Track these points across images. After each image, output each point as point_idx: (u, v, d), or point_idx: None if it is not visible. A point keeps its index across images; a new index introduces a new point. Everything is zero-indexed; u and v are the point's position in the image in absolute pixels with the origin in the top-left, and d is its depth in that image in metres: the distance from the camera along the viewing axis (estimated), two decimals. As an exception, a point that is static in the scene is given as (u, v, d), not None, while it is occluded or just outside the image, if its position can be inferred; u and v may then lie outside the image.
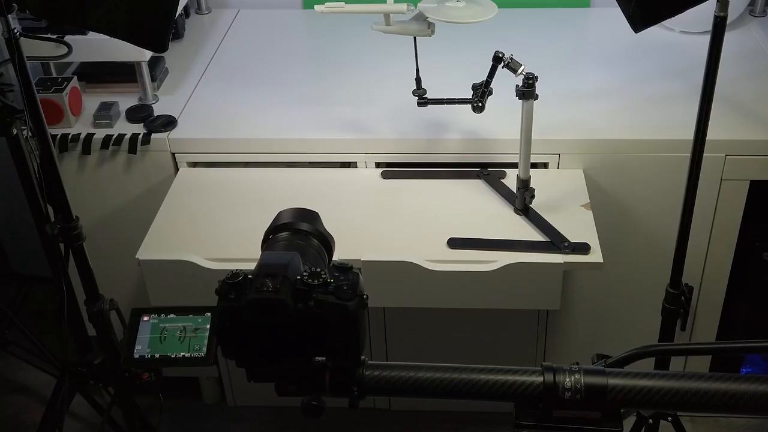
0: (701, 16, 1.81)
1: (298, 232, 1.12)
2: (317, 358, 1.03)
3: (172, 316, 1.04)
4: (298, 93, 2.47)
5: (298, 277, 0.99)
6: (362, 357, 1.04)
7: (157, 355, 1.03)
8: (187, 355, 1.02)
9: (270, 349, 1.01)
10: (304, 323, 0.99)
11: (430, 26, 1.98)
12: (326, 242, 1.13)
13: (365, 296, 1.00)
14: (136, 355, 1.03)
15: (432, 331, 2.50)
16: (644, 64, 2.57)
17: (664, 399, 1.00)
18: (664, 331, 2.05)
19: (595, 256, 1.96)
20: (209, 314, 1.03)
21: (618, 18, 1.77)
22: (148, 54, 2.34)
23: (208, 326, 1.03)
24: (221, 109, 2.40)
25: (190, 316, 1.04)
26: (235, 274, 0.99)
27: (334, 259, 1.16)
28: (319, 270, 0.99)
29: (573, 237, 1.99)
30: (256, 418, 2.78)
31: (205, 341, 1.02)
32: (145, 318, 1.04)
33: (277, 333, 0.99)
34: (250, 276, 1.00)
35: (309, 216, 1.14)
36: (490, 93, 2.01)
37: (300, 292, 0.98)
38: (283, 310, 0.97)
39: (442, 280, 1.97)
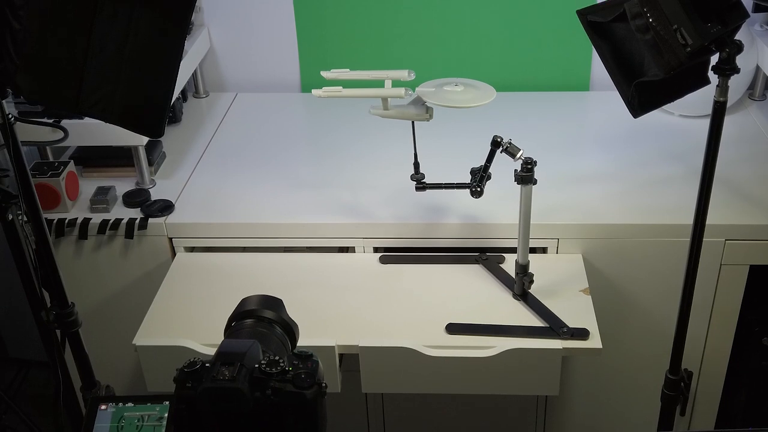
0: (701, 99, 1.81)
1: (261, 320, 1.10)
2: (277, 447, 1.01)
3: (130, 404, 1.02)
4: (295, 177, 2.48)
5: (256, 366, 0.98)
6: (323, 446, 1.02)
7: (112, 444, 1.01)
8: (143, 444, 1.01)
9: (228, 439, 0.99)
10: (262, 412, 0.97)
11: (429, 110, 1.97)
12: (290, 330, 1.12)
13: (324, 384, 0.98)
14: (92, 445, 1.01)
15: (430, 417, 2.46)
16: (643, 147, 2.56)
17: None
18: (664, 417, 2.02)
19: (594, 341, 1.94)
20: (167, 402, 1.01)
21: (617, 101, 1.78)
22: (145, 138, 2.35)
23: (167, 414, 1.01)
24: (219, 194, 2.40)
25: (149, 404, 1.02)
26: (192, 362, 0.98)
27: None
28: (277, 358, 0.98)
29: (572, 322, 1.97)
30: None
31: (163, 430, 1.00)
32: (103, 407, 1.03)
33: (234, 422, 0.97)
34: (207, 364, 0.98)
35: (273, 303, 1.12)
36: (489, 177, 2.00)
37: (257, 380, 0.97)
38: (239, 398, 0.95)
39: (441, 365, 1.94)
